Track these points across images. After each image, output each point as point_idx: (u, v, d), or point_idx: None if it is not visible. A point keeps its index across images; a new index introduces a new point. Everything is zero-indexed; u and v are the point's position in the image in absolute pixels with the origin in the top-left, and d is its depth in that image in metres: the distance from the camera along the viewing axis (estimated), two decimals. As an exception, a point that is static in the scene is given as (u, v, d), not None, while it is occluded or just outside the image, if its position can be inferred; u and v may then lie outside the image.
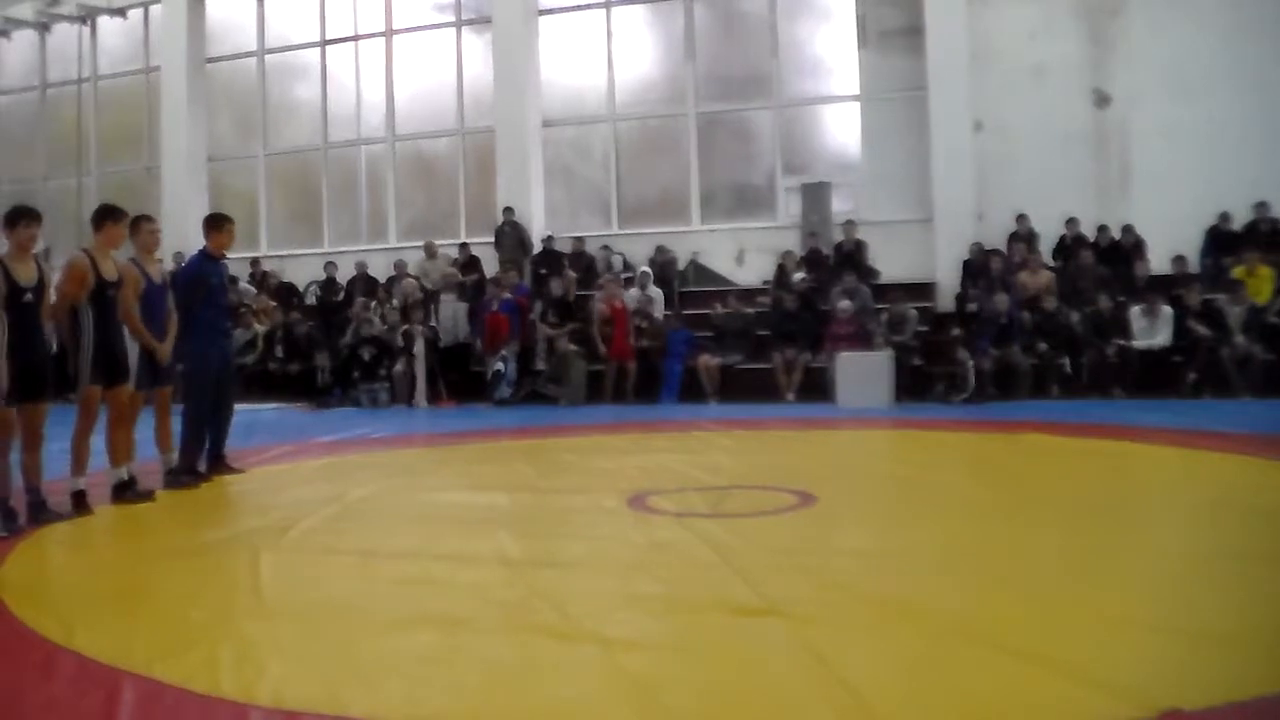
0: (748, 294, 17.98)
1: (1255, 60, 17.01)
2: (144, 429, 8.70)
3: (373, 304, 18.39)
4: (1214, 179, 16.81)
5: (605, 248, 19.38)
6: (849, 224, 18.12)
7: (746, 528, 6.75)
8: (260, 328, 18.58)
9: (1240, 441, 10.23)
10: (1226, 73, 17.07)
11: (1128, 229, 17.11)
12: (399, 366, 17.26)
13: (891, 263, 17.97)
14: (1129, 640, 4.41)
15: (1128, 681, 3.86)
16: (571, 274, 18.43)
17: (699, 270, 19.36)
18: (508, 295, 17.40)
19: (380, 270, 20.13)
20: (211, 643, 4.52)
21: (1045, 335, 15.55)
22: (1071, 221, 17.31)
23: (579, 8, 20.67)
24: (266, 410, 15.89)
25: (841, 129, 19.57)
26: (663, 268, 18.71)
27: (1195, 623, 4.60)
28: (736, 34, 20.13)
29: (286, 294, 20.41)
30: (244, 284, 19.96)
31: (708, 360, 16.34)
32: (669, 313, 17.51)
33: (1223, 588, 5.20)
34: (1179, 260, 16.68)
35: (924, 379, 15.57)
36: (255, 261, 21.20)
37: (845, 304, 16.07)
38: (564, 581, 5.54)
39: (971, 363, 15.09)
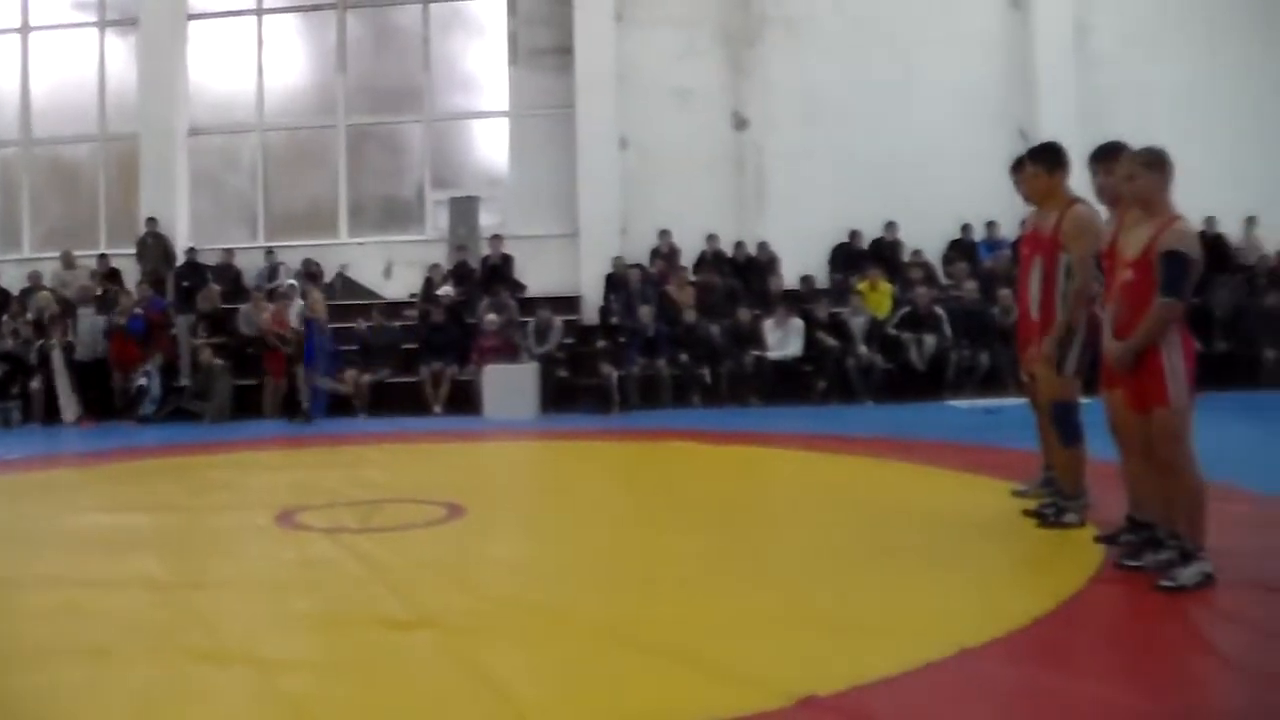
0: (395, 307, 17.71)
1: (874, 92, 18.18)
2: None
3: (3, 318, 17.07)
4: (843, 200, 17.80)
5: (276, 261, 18.63)
6: (496, 238, 18.15)
7: (397, 541, 6.66)
8: None
9: (864, 444, 10.79)
10: (852, 102, 18.16)
11: (763, 245, 17.82)
12: (35, 384, 16.11)
13: (538, 276, 18.10)
14: (767, 634, 4.59)
15: (766, 673, 4.02)
16: (216, 287, 17.69)
17: (346, 283, 18.99)
18: (138, 311, 16.50)
19: (14, 282, 18.75)
20: None
21: (686, 347, 15.94)
22: (711, 238, 17.87)
23: (229, 13, 19.92)
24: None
25: (490, 144, 19.61)
26: (309, 281, 18.20)
27: (827, 614, 4.87)
28: (389, 47, 19.90)
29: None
30: None
31: (355, 375, 16.01)
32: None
33: (850, 580, 5.50)
34: (807, 280, 17.47)
35: (570, 390, 15.73)
36: None
37: (492, 317, 16.08)
38: (214, 603, 5.35)
39: (616, 374, 15.34)
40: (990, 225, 17.63)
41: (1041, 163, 6.64)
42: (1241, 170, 16.86)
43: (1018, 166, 7.03)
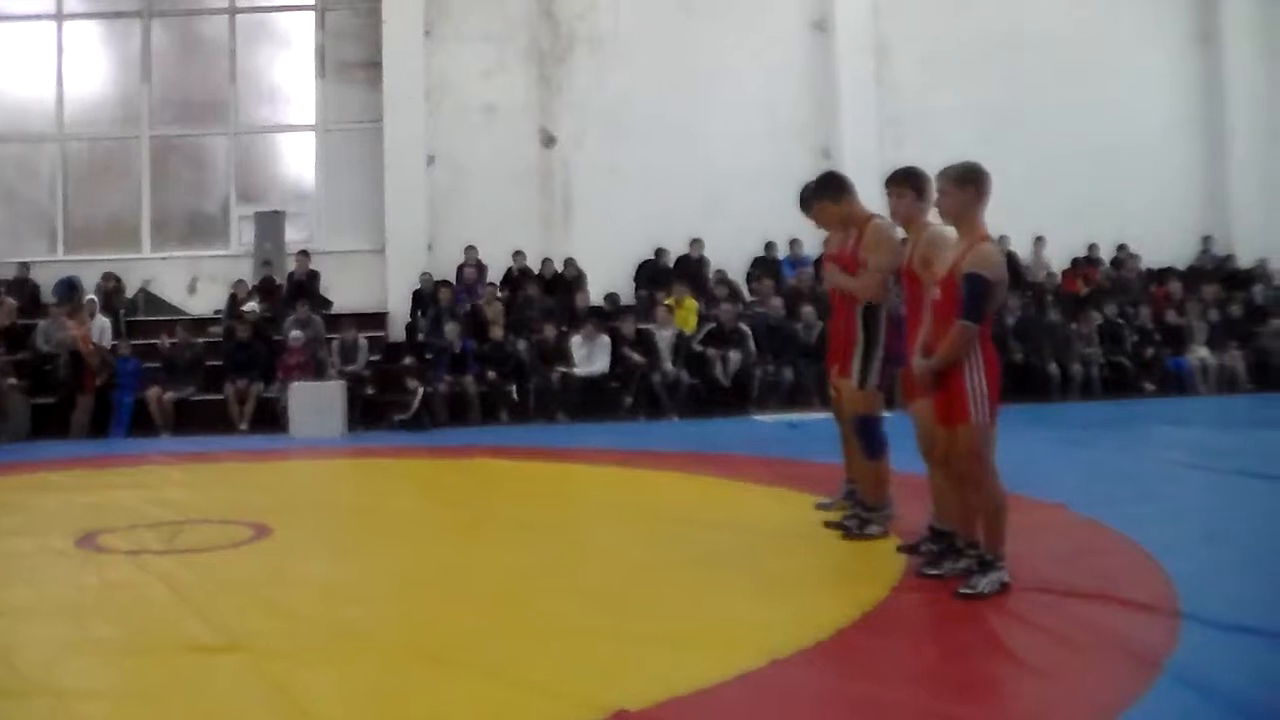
0: (199, 324, 17.22)
1: (680, 110, 18.53)
2: None
3: None
4: (649, 217, 18.08)
5: (69, 278, 17.86)
6: (302, 254, 17.79)
7: (202, 563, 6.42)
8: None
9: (671, 459, 10.87)
10: (658, 119, 18.45)
11: (570, 262, 17.93)
12: None
13: (345, 292, 17.86)
14: (579, 648, 4.57)
15: (577, 688, 4.01)
16: (12, 302, 16.86)
17: (149, 299, 18.38)
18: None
19: None
20: None
21: (494, 363, 15.88)
22: (518, 254, 17.88)
23: (27, 17, 19.16)
24: None
25: (298, 159, 19.27)
26: (110, 296, 17.59)
27: (639, 627, 4.86)
28: (195, 58, 19.38)
29: None
30: None
31: (159, 392, 15.44)
32: (117, 342, 16.41)
33: (659, 593, 5.53)
34: (613, 297, 17.60)
35: (377, 408, 15.48)
36: None
37: (297, 334, 15.73)
38: (11, 631, 5.08)
39: (422, 390, 15.16)
40: (794, 243, 18.09)
41: (826, 196, 6.71)
42: (1031, 192, 17.56)
43: (805, 205, 7.09)
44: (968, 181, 5.22)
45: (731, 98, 18.65)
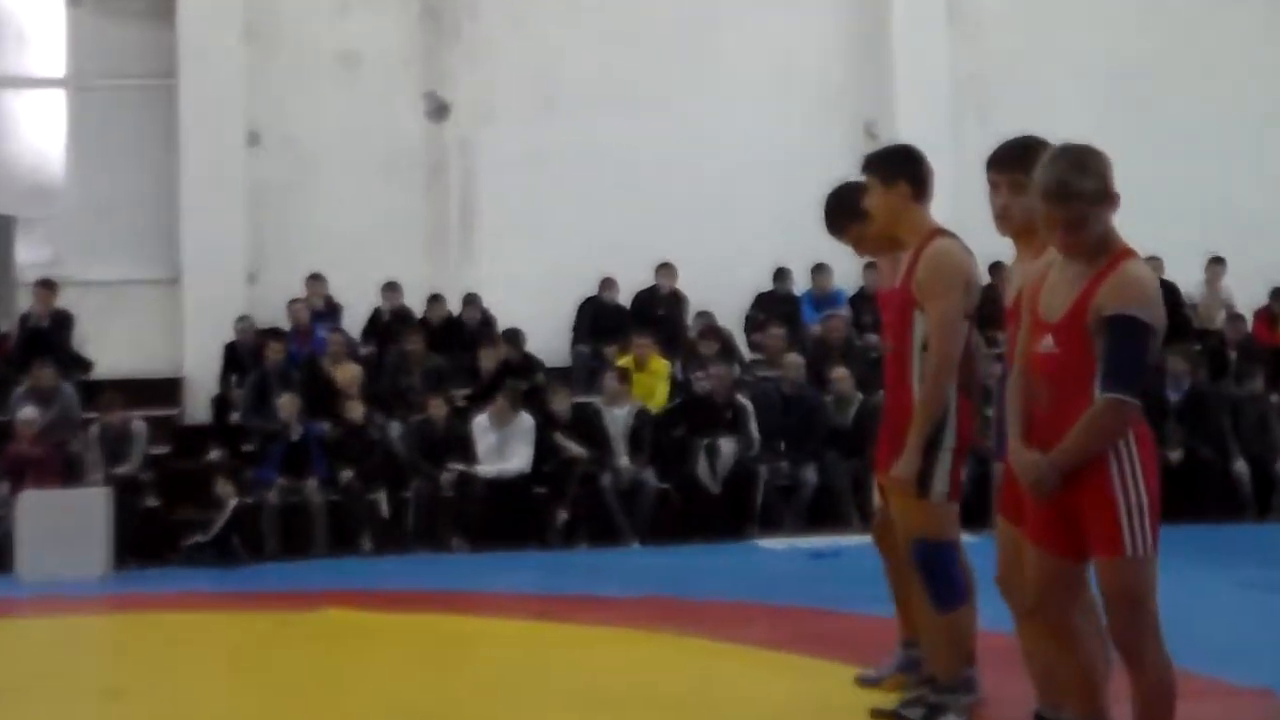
0: None
1: (647, 69, 18.63)
2: None
3: None
4: (595, 231, 18.24)
5: None
6: (44, 285, 17.45)
7: None
8: None
9: (629, 608, 11.10)
10: (610, 83, 18.59)
11: (472, 299, 17.95)
12: None
13: (114, 348, 17.69)
14: None
15: None
16: None
17: None
18: None
19: None
20: None
21: (352, 458, 15.74)
22: (391, 288, 17.84)
23: None
24: None
25: (36, 132, 19.14)
26: None
27: None
28: None
29: None
30: None
31: None
32: None
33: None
34: (533, 359, 17.46)
35: (164, 529, 15.30)
36: None
37: (31, 413, 15.47)
38: None
39: (235, 501, 14.94)
40: (819, 270, 18.12)
41: (876, 171, 6.84)
42: (1189, 194, 17.73)
43: (832, 224, 7.31)
44: (1106, 190, 5.13)
45: (727, 48, 18.94)
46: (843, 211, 7.12)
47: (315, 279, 17.82)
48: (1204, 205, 17.91)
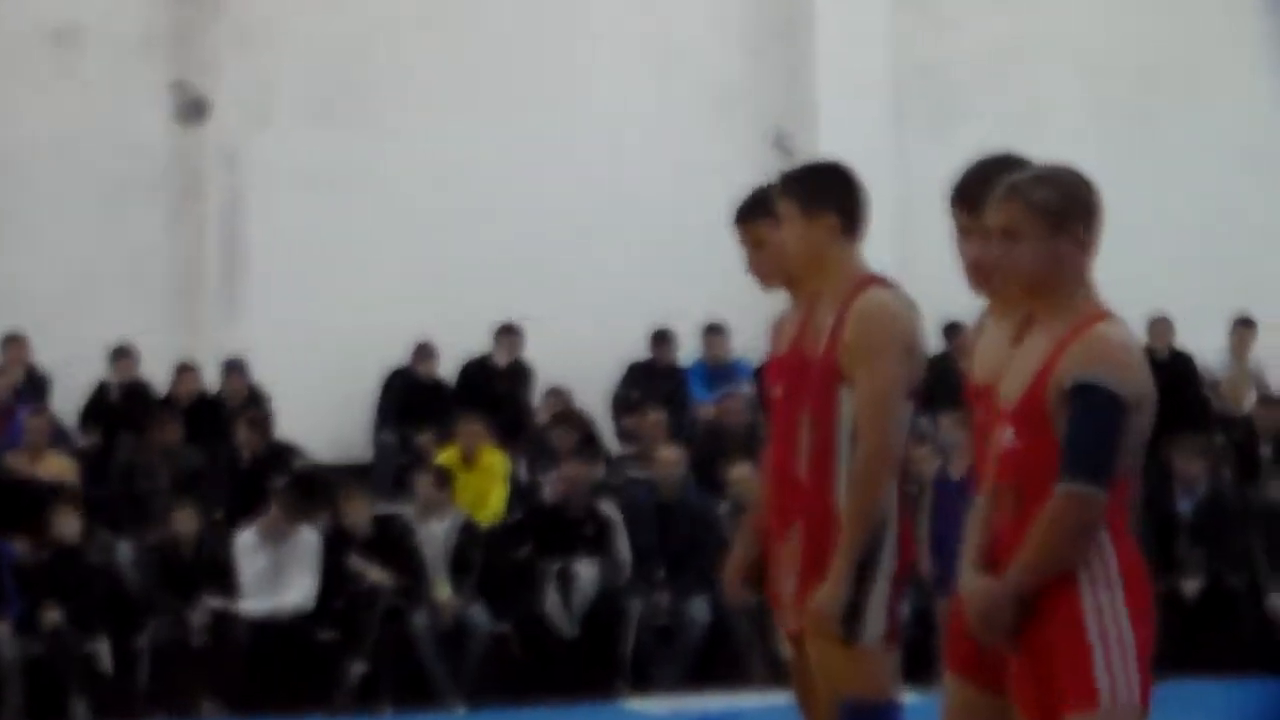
0: None
1: (481, 57, 18.81)
2: None
3: None
4: (404, 275, 18.56)
5: None
6: None
7: None
8: None
9: None
10: (430, 76, 18.97)
11: (234, 367, 18.13)
12: None
13: None
14: None
15: None
16: None
17: None
18: None
19: None
20: None
21: (63, 592, 15.42)
22: (122, 353, 17.90)
23: None
24: None
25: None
26: None
27: None
28: None
29: None
30: None
31: None
32: None
33: None
34: (309, 459, 17.48)
35: None
36: None
37: None
38: None
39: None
40: (712, 332, 18.27)
41: (795, 195, 6.67)
42: (1213, 225, 17.71)
43: (741, 220, 7.09)
44: (1068, 213, 5.02)
45: (590, 36, 19.42)
46: (764, 203, 6.89)
47: (13, 342, 17.65)
48: (1228, 248, 18.00)
